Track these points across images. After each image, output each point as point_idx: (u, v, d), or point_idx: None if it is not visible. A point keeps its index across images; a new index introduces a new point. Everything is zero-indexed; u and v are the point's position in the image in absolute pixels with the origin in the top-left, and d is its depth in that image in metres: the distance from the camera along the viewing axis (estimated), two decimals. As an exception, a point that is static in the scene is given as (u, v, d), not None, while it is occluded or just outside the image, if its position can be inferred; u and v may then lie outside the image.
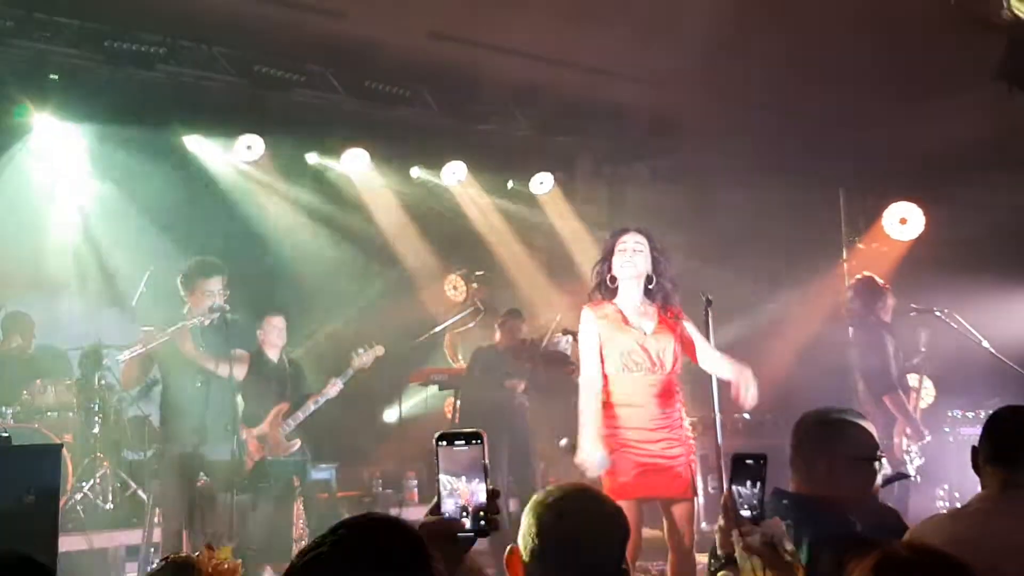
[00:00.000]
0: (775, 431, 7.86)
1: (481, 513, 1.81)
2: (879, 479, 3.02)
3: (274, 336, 6.88)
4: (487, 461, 1.83)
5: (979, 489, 2.94)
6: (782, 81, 7.47)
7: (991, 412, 2.94)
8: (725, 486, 2.52)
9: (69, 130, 7.57)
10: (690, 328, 4.75)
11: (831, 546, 2.55)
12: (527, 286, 9.51)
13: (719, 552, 2.52)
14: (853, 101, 7.74)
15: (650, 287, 4.64)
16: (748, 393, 4.61)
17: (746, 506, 2.47)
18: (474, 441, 1.83)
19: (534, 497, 2.33)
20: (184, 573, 2.50)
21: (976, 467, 2.85)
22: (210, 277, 5.96)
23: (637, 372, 4.55)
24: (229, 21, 6.96)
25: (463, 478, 1.82)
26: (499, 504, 1.85)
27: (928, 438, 6.25)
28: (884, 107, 7.86)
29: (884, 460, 3.03)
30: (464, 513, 1.81)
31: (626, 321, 4.60)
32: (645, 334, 4.58)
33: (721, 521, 2.49)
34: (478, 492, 1.81)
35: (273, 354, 6.89)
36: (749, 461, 2.49)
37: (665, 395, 4.57)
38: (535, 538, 2.22)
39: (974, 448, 2.86)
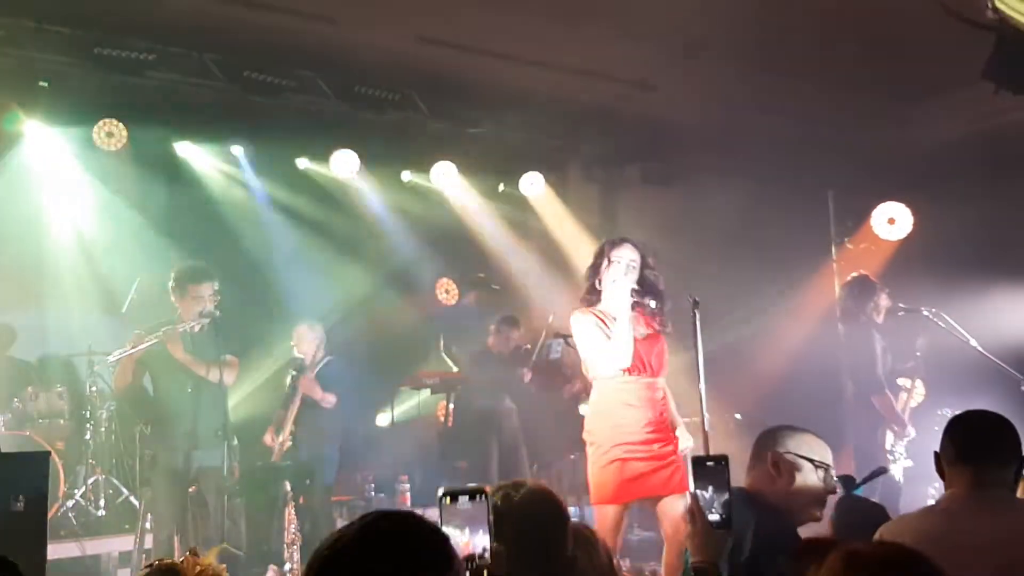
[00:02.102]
0: (766, 432, 7.89)
1: (485, 570, 1.89)
2: (830, 484, 3.08)
3: (299, 345, 7.01)
4: (491, 517, 1.94)
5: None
6: (771, 83, 7.49)
7: (952, 416, 3.00)
8: (689, 490, 2.52)
9: (59, 137, 7.57)
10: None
11: (781, 548, 2.57)
12: (519, 289, 9.51)
13: (692, 558, 2.52)
14: (841, 102, 7.77)
15: (639, 299, 4.75)
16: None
17: (712, 510, 2.46)
18: (477, 498, 1.94)
19: None
20: (169, 578, 2.50)
21: (940, 471, 2.89)
22: (201, 282, 5.97)
23: (631, 375, 4.66)
24: (218, 27, 6.97)
25: (466, 530, 1.92)
26: (503, 562, 1.91)
27: (913, 434, 6.27)
28: (872, 107, 7.89)
29: (832, 472, 3.09)
30: (468, 564, 1.88)
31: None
32: (636, 338, 4.69)
33: (688, 527, 2.49)
34: (481, 544, 1.91)
35: (309, 362, 6.98)
36: (710, 463, 2.49)
37: (657, 396, 4.72)
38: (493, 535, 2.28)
39: (936, 453, 2.92)
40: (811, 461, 3.06)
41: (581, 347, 4.80)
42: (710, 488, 2.48)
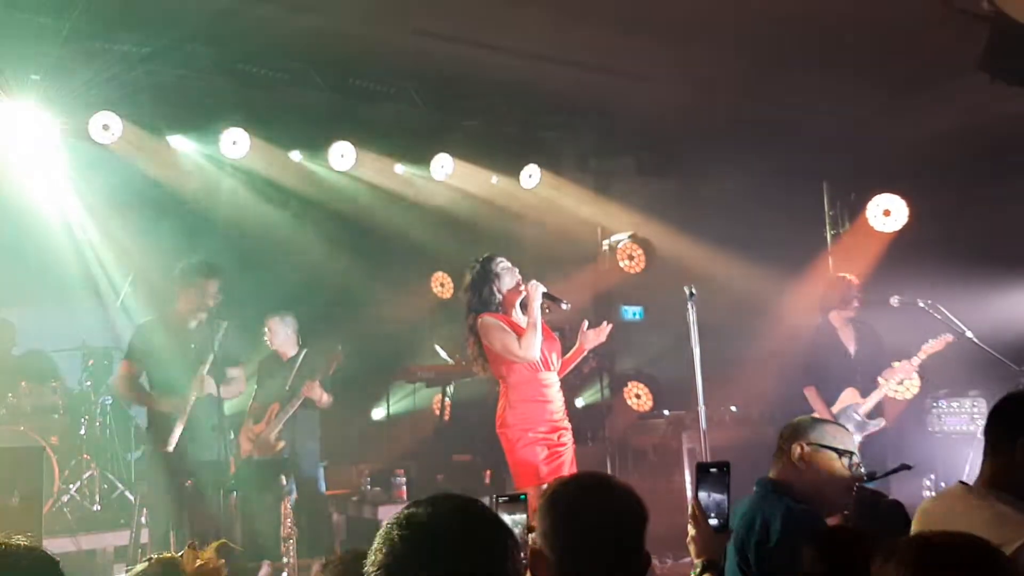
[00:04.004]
0: (761, 424, 7.91)
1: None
2: (856, 472, 3.11)
3: (271, 338, 7.01)
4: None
5: (963, 478, 2.96)
6: (765, 75, 7.49)
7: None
8: (691, 495, 2.61)
9: (52, 130, 7.53)
10: None
11: (805, 536, 2.60)
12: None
13: (695, 560, 2.59)
14: (836, 92, 7.77)
15: (548, 300, 5.26)
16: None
17: (712, 514, 2.53)
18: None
19: (547, 493, 2.33)
20: (169, 572, 2.49)
21: None
22: (208, 278, 6.03)
23: (543, 373, 5.18)
24: (212, 20, 6.92)
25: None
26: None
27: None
28: (867, 98, 7.89)
29: (856, 458, 3.12)
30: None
31: (522, 329, 5.18)
32: (541, 339, 5.16)
33: (692, 530, 2.56)
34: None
35: (283, 353, 7.00)
36: (713, 470, 2.58)
37: (559, 390, 5.28)
38: (558, 534, 2.22)
39: None
40: (835, 450, 3.10)
41: (496, 348, 5.15)
42: (712, 493, 2.56)
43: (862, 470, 3.15)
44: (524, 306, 5.21)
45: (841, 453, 3.10)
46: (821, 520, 3.03)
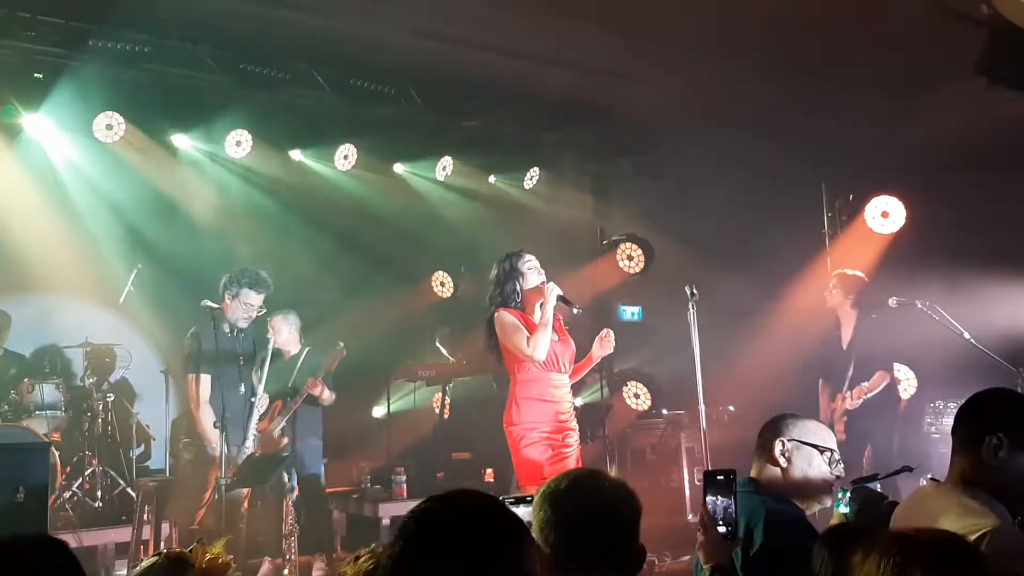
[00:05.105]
0: (759, 424, 7.93)
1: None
2: (836, 469, 3.14)
3: (274, 336, 7.04)
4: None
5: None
6: (763, 77, 7.52)
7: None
8: (688, 497, 2.67)
9: (55, 129, 7.57)
10: None
11: (793, 536, 2.64)
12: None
13: (704, 566, 2.64)
14: (835, 95, 7.80)
15: (563, 302, 5.26)
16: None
17: (720, 521, 2.59)
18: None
19: (542, 489, 2.37)
20: (178, 567, 2.52)
21: None
22: (251, 290, 6.14)
23: (553, 373, 5.20)
24: (214, 19, 6.96)
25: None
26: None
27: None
28: (866, 101, 7.92)
29: (836, 455, 3.15)
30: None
31: (536, 328, 5.17)
32: (554, 340, 5.18)
33: (701, 536, 2.61)
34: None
35: (286, 351, 7.03)
36: (720, 477, 2.63)
37: (568, 392, 5.29)
38: (554, 527, 2.26)
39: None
40: (816, 447, 3.12)
41: (506, 344, 5.18)
42: (720, 500, 2.60)
43: (841, 467, 3.17)
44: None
45: (822, 450, 3.12)
46: (804, 518, 3.05)
